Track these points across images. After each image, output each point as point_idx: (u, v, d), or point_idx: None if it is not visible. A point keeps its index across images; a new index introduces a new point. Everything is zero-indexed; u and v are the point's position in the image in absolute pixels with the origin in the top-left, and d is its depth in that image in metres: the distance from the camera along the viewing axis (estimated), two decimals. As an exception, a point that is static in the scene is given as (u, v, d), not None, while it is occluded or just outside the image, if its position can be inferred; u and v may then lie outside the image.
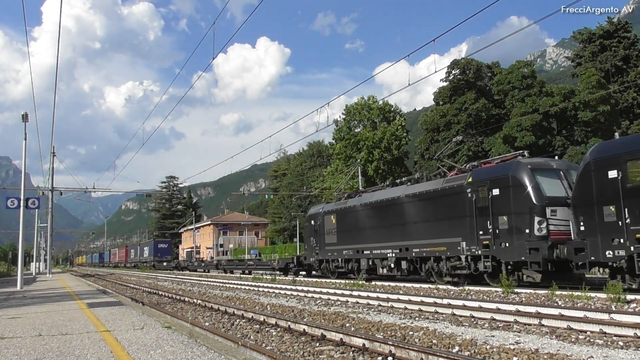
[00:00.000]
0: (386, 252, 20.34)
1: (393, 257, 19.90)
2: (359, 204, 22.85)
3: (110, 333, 7.94)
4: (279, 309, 12.79)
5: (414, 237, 18.93)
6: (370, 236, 21.57)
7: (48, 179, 44.48)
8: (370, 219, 21.85)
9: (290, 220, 73.38)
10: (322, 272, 25.93)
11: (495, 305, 10.57)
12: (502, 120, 49.69)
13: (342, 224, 23.76)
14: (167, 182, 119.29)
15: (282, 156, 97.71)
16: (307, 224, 27.92)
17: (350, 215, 23.27)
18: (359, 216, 22.64)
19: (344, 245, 23.42)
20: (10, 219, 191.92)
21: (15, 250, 76.83)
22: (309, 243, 27.15)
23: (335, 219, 24.29)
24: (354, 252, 22.63)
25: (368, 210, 22.08)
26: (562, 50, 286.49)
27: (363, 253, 21.92)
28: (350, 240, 23.03)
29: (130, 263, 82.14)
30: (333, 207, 25.11)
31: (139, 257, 76.86)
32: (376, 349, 6.86)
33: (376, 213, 21.48)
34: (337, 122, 62.22)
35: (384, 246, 20.58)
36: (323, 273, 25.90)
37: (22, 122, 22.99)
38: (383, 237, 20.73)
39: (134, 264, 77.45)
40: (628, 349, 6.66)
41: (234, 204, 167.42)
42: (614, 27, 51.62)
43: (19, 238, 24.18)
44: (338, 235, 23.98)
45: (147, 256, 71.35)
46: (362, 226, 22.30)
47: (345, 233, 23.51)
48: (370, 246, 21.51)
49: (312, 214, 27.44)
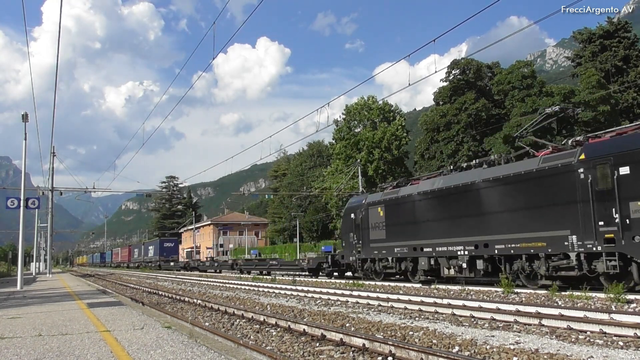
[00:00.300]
0: (456, 249, 17.00)
1: (465, 256, 16.55)
2: (416, 192, 19.34)
3: (110, 333, 7.94)
4: (279, 309, 12.79)
5: (496, 230, 15.56)
6: (433, 230, 18.25)
7: (48, 179, 44.52)
8: (432, 210, 18.53)
9: (290, 220, 73.40)
10: (365, 273, 22.62)
11: (495, 305, 10.58)
12: (502, 120, 49.75)
13: (393, 217, 20.46)
14: (167, 182, 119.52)
15: (282, 156, 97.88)
16: (345, 217, 24.40)
17: (404, 206, 19.85)
18: (416, 207, 19.25)
19: (395, 241, 20.17)
20: (10, 219, 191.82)
21: (15, 250, 76.99)
22: (348, 240, 23.65)
23: (384, 211, 20.97)
24: (409, 249, 19.30)
25: (429, 200, 18.65)
26: (562, 50, 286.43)
27: (422, 251, 18.61)
28: (403, 235, 19.73)
29: (133, 263, 79.60)
30: (380, 198, 21.71)
31: (143, 257, 74.26)
32: (376, 349, 6.86)
33: (440, 203, 18.14)
34: (337, 122, 62.34)
35: (452, 242, 17.24)
36: (366, 274, 22.65)
37: (22, 122, 22.99)
38: (451, 231, 17.39)
39: (138, 264, 75.10)
40: (628, 349, 6.66)
41: (234, 204, 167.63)
42: (614, 27, 51.69)
43: (19, 238, 24.17)
44: (387, 230, 20.70)
45: (152, 256, 68.49)
46: (420, 219, 18.91)
47: (397, 227, 20.21)
48: (432, 242, 18.18)
49: (352, 206, 24.02)
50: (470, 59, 53.22)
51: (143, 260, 73.10)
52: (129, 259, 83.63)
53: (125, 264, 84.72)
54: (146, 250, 73.10)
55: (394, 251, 20.20)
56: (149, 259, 70.02)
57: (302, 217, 68.88)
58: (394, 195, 20.80)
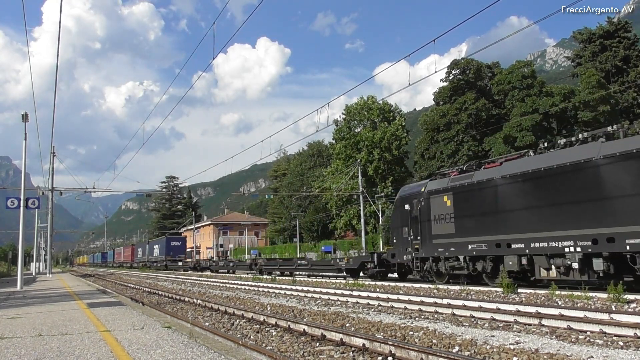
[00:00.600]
0: (562, 245, 13.80)
1: (577, 253, 13.43)
2: (499, 176, 15.94)
3: (110, 333, 7.94)
4: (279, 309, 12.79)
5: (626, 220, 12.45)
6: (525, 222, 15.01)
7: (48, 179, 44.55)
8: (523, 196, 15.24)
9: (290, 220, 73.40)
10: (425, 274, 19.27)
11: (495, 305, 10.57)
12: (502, 120, 49.77)
13: (466, 207, 17.14)
14: (167, 182, 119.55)
15: (282, 156, 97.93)
16: (397, 209, 21.09)
17: (482, 193, 16.52)
18: (499, 194, 15.91)
19: (468, 236, 16.87)
20: (10, 219, 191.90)
21: (15, 250, 76.94)
22: (401, 236, 20.30)
23: (452, 200, 17.68)
24: (490, 246, 15.98)
25: (519, 184, 15.36)
26: (562, 50, 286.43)
27: (509, 247, 15.33)
28: (481, 229, 16.42)
29: (137, 263, 75.99)
30: (447, 184, 18.27)
31: (147, 257, 70.62)
32: (376, 349, 6.86)
33: (537, 187, 14.84)
34: (337, 122, 62.38)
35: (555, 236, 14.04)
36: (424, 276, 19.39)
37: (22, 122, 23.00)
38: (553, 222, 14.17)
39: (142, 263, 71.53)
40: (628, 349, 6.66)
41: (234, 204, 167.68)
42: (614, 27, 51.68)
43: (19, 238, 24.18)
44: (457, 222, 17.39)
45: (158, 255, 65.08)
46: (506, 208, 15.64)
47: (471, 219, 16.91)
48: (524, 237, 14.94)
49: (406, 195, 20.64)
50: (470, 59, 53.23)
51: (148, 260, 70.12)
52: (133, 259, 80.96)
53: (129, 264, 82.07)
54: (151, 250, 70.03)
55: (467, 248, 16.85)
56: (154, 258, 67.07)
57: (302, 217, 68.88)
58: (467, 180, 17.32)
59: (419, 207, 19.23)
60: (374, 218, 54.31)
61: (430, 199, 18.74)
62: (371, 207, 50.87)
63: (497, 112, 50.86)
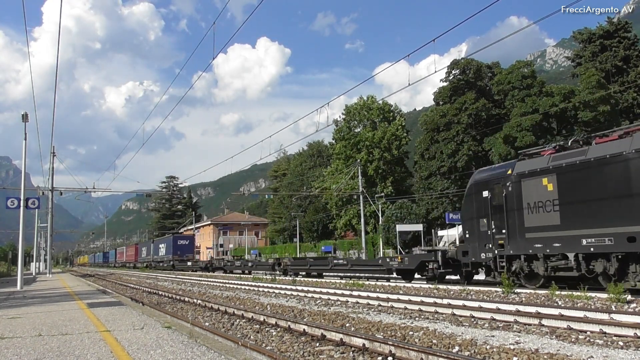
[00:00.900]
0: None
1: None
2: (632, 150, 12.54)
3: (110, 333, 7.94)
4: (279, 309, 12.79)
5: None
6: None
7: (48, 179, 44.57)
8: None
9: (290, 220, 73.39)
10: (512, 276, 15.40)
11: (495, 305, 10.58)
12: (502, 120, 49.72)
13: (577, 190, 13.82)
14: (167, 182, 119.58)
15: (282, 156, 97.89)
16: (471, 197, 17.52)
17: (605, 172, 13.14)
18: (631, 171, 12.50)
19: (582, 228, 13.54)
20: (10, 219, 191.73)
21: (15, 250, 76.89)
22: (477, 229, 16.99)
23: (555, 184, 14.31)
24: (618, 240, 12.57)
25: None
26: (562, 50, 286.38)
27: None
28: (603, 218, 13.02)
29: (141, 263, 72.85)
30: (546, 164, 14.83)
31: (152, 256, 67.38)
32: (376, 349, 6.86)
33: None
34: (337, 122, 62.37)
35: None
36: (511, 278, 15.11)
37: (22, 122, 23.00)
38: None
39: (147, 263, 68.52)
40: (628, 349, 6.66)
41: (234, 204, 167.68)
42: (614, 27, 51.69)
43: (19, 238, 24.18)
44: (563, 210, 14.03)
45: (164, 255, 61.93)
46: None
47: (586, 206, 13.51)
48: None
49: (483, 180, 17.24)
50: (470, 59, 53.15)
51: (153, 259, 66.71)
52: (136, 259, 78.03)
53: (132, 264, 79.05)
54: (156, 249, 66.42)
55: (580, 243, 13.51)
56: (160, 258, 63.65)
57: (302, 217, 68.87)
58: (577, 158, 13.94)
59: (505, 193, 15.87)
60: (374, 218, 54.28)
61: (522, 183, 15.36)
62: (371, 207, 50.86)
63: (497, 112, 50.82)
